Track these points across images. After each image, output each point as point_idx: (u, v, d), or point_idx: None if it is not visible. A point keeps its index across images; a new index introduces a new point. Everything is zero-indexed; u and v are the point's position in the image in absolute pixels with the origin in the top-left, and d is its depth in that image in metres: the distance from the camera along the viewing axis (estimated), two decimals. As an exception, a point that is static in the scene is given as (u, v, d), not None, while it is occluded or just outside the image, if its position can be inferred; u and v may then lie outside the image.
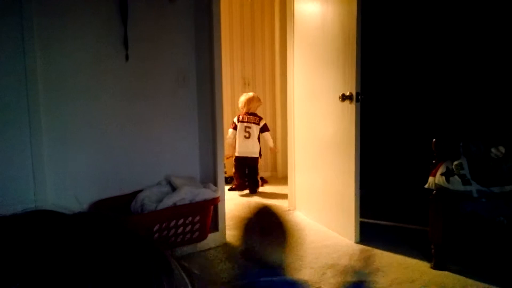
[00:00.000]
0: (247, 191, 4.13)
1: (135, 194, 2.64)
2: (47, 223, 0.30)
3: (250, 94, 4.20)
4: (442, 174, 2.46)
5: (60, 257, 0.27)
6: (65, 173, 2.51)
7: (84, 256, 0.27)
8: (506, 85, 3.18)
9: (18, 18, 2.27)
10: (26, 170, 2.36)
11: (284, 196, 3.83)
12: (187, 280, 0.31)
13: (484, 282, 2.33)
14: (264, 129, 4.12)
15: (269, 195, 4.07)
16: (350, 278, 1.62)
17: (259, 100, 4.20)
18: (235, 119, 4.16)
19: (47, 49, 2.40)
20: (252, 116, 4.10)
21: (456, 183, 2.41)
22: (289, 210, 3.59)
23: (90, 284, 0.26)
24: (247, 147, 4.03)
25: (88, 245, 0.29)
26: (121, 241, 0.30)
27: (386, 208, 3.49)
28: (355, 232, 2.88)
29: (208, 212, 2.69)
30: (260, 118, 4.13)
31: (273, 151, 4.30)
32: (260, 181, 4.19)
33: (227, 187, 3.70)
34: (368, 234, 2.93)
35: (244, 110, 4.12)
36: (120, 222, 0.32)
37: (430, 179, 2.53)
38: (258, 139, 4.11)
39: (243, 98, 4.16)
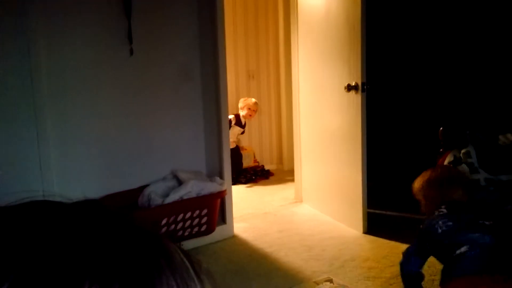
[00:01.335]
0: (250, 183, 4.20)
1: (142, 188, 2.65)
2: (42, 213, 0.30)
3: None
4: (449, 163, 2.45)
5: (55, 247, 0.27)
6: (71, 169, 2.52)
7: (78, 245, 0.27)
8: (513, 72, 3.14)
9: (21, 14, 2.27)
10: (33, 165, 2.37)
11: (290, 189, 3.83)
12: (188, 264, 0.31)
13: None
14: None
15: (275, 187, 4.07)
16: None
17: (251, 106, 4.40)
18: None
19: (51, 45, 2.40)
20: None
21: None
22: (295, 202, 3.59)
23: (84, 273, 0.26)
24: None
25: (82, 234, 0.28)
26: (118, 229, 0.30)
27: (393, 198, 3.48)
28: (362, 222, 2.87)
29: (215, 205, 2.70)
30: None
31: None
32: (245, 174, 4.26)
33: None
34: (375, 224, 2.92)
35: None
36: (117, 211, 0.32)
37: (438, 168, 2.52)
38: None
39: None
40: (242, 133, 4.43)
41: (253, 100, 4.39)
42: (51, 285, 0.25)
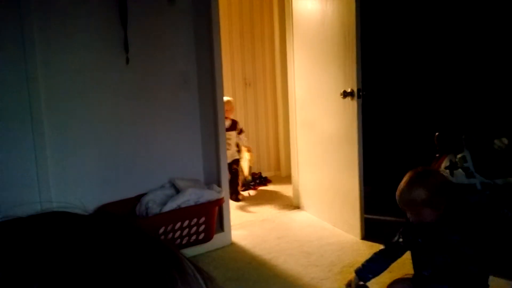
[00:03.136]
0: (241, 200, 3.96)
1: (139, 197, 2.65)
2: (64, 224, 0.31)
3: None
4: (446, 168, 2.47)
5: (76, 258, 0.28)
6: (68, 178, 2.52)
7: (99, 256, 0.28)
8: (509, 75, 3.17)
9: (18, 23, 2.28)
10: (30, 174, 2.37)
11: (288, 195, 3.83)
12: (199, 279, 0.31)
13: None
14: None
15: (273, 194, 4.07)
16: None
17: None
18: None
19: (48, 54, 2.41)
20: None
21: (460, 176, 2.41)
22: (293, 208, 3.59)
23: (104, 283, 0.27)
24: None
25: (102, 246, 0.29)
26: (134, 241, 0.31)
27: (390, 204, 3.49)
28: (360, 228, 2.88)
29: (213, 213, 2.70)
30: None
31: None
32: (241, 187, 4.04)
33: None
34: (373, 230, 2.93)
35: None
36: (132, 223, 0.33)
37: (434, 173, 2.53)
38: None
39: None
40: (239, 133, 4.04)
41: (225, 98, 4.04)
42: None
